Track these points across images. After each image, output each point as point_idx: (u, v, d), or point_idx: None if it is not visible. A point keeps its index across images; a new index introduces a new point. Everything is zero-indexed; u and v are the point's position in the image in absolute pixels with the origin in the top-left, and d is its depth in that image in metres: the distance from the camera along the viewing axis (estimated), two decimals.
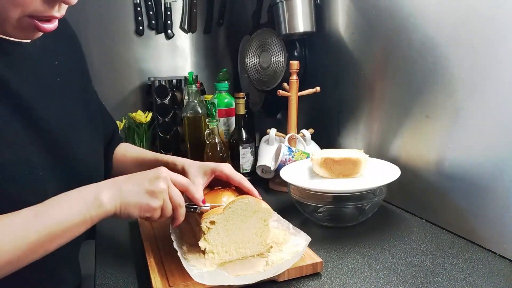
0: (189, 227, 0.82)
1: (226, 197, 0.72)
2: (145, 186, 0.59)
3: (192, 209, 0.68)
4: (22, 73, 0.59)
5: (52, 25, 0.54)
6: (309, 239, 0.74)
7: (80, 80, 0.73)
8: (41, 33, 0.56)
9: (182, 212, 0.64)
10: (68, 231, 0.53)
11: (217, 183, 0.78)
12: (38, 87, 0.62)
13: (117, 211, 0.57)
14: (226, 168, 0.76)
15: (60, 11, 0.53)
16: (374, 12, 1.03)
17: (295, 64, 1.17)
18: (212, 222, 0.69)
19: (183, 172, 0.77)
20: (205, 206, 0.69)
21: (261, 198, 0.74)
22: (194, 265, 0.67)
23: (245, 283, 0.66)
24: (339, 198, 0.90)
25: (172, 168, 0.79)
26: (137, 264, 0.77)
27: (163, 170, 0.62)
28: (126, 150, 0.88)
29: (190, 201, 0.69)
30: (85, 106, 0.73)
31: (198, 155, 1.27)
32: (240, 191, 0.76)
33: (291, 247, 0.74)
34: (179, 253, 0.69)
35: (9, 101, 0.56)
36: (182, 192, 0.66)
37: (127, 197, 0.57)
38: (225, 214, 0.69)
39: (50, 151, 0.61)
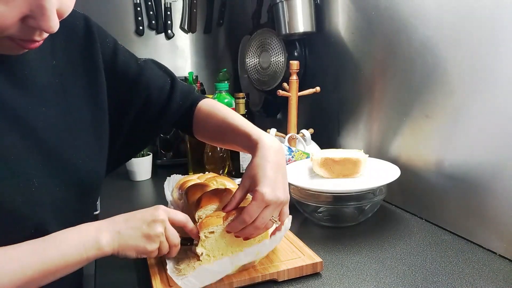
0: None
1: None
2: (143, 229, 0.60)
3: (188, 243, 0.69)
4: (18, 82, 0.58)
5: (38, 43, 0.51)
6: (290, 217, 0.73)
7: (85, 73, 0.68)
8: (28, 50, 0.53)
9: (177, 250, 0.66)
10: (63, 269, 0.54)
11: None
12: (34, 94, 0.60)
13: (114, 253, 0.58)
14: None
15: (41, 35, 0.50)
16: (374, 12, 1.03)
17: (295, 64, 1.17)
18: (211, 232, 0.68)
19: (251, 159, 0.69)
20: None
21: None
22: (184, 274, 0.66)
23: (227, 269, 0.66)
24: (339, 198, 0.90)
25: (250, 145, 0.70)
26: (137, 264, 0.77)
27: (161, 211, 0.63)
28: (211, 113, 0.79)
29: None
30: (92, 100, 0.69)
31: (198, 155, 1.27)
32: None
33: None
34: (168, 266, 0.68)
35: (5, 114, 0.55)
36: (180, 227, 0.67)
37: (125, 240, 0.59)
38: (225, 225, 0.68)
39: (47, 160, 0.60)
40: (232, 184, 0.85)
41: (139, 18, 1.55)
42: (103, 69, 0.71)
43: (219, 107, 0.80)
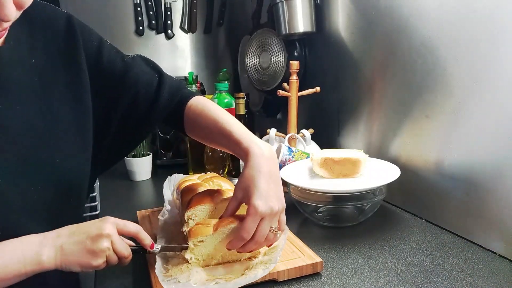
0: (180, 227, 0.82)
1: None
2: (87, 245, 0.58)
3: (141, 252, 0.68)
4: None
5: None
6: (287, 231, 0.74)
7: (66, 72, 0.67)
8: None
9: (128, 260, 0.64)
10: (4, 281, 0.53)
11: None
12: (10, 93, 0.59)
13: (57, 267, 0.57)
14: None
15: (1, 25, 0.49)
16: (374, 12, 1.03)
17: (295, 64, 1.17)
18: (201, 241, 0.68)
19: (242, 170, 0.69)
20: (154, 250, 0.68)
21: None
22: (171, 275, 0.66)
23: None
24: (339, 198, 0.90)
25: (240, 154, 0.70)
26: (137, 264, 0.76)
27: (108, 225, 0.60)
28: (202, 112, 0.78)
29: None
30: (74, 98, 0.68)
31: (198, 155, 1.27)
32: None
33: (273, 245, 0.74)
34: (157, 265, 0.68)
35: None
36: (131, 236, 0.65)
37: (68, 255, 0.57)
38: (214, 236, 0.68)
39: (20, 160, 0.59)
40: (229, 185, 0.85)
41: (139, 18, 1.55)
42: (86, 68, 0.70)
43: (210, 107, 0.78)
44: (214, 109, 0.77)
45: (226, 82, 1.50)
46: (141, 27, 1.55)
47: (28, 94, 0.62)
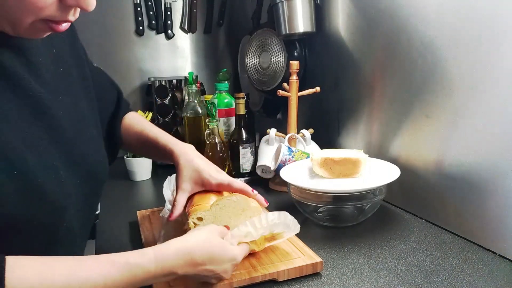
0: (180, 226, 0.82)
1: (215, 197, 0.73)
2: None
3: None
4: (37, 70, 0.56)
5: (66, 25, 0.51)
6: (298, 226, 0.75)
7: (76, 65, 0.67)
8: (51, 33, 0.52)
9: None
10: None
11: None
12: (50, 83, 0.58)
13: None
14: (220, 178, 0.76)
15: (75, 14, 0.51)
16: (374, 12, 1.03)
17: (295, 64, 1.17)
18: (200, 219, 0.68)
19: (177, 168, 0.76)
20: None
21: (267, 204, 0.77)
22: None
23: None
24: (339, 198, 0.90)
25: (167, 156, 0.78)
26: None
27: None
28: (130, 125, 0.84)
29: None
30: (86, 94, 0.67)
31: None
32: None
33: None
34: None
35: (31, 102, 0.53)
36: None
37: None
38: (212, 210, 0.68)
39: (67, 151, 0.58)
40: None
41: (139, 18, 1.55)
42: (86, 62, 0.70)
43: (137, 121, 0.85)
44: (141, 122, 0.85)
45: (226, 82, 1.50)
46: (141, 27, 1.55)
47: (60, 85, 0.60)
